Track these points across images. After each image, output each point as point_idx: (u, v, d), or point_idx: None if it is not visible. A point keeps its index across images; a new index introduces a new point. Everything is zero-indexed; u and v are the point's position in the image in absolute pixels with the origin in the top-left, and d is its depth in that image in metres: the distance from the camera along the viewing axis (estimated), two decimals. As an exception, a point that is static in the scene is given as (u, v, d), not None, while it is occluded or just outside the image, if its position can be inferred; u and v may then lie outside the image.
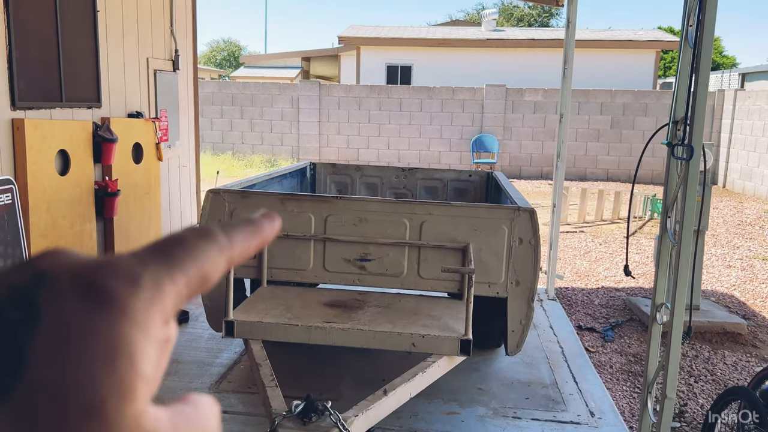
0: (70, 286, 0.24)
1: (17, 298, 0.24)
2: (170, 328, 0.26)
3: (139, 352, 0.24)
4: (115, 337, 0.24)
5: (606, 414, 3.31)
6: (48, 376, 0.23)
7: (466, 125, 14.88)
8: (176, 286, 0.26)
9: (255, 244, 0.30)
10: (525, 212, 3.18)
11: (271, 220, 0.32)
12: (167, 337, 0.26)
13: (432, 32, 19.95)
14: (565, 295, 6.04)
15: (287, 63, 23.36)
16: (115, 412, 0.23)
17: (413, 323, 2.95)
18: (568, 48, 5.00)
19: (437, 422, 3.14)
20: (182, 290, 0.26)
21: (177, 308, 0.27)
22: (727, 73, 17.86)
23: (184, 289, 0.26)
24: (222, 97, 15.43)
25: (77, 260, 0.26)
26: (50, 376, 0.23)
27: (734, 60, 34.84)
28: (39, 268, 0.25)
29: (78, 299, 0.24)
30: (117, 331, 0.24)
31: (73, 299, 0.24)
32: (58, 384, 0.23)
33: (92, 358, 0.23)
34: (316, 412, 2.24)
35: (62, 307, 0.24)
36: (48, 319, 0.24)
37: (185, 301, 0.27)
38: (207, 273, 0.27)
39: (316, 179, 5.61)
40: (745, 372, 4.40)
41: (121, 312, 0.24)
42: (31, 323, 0.24)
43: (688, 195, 2.56)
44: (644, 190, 11.12)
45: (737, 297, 6.16)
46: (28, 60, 3.65)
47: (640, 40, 17.76)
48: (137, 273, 0.25)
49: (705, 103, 2.53)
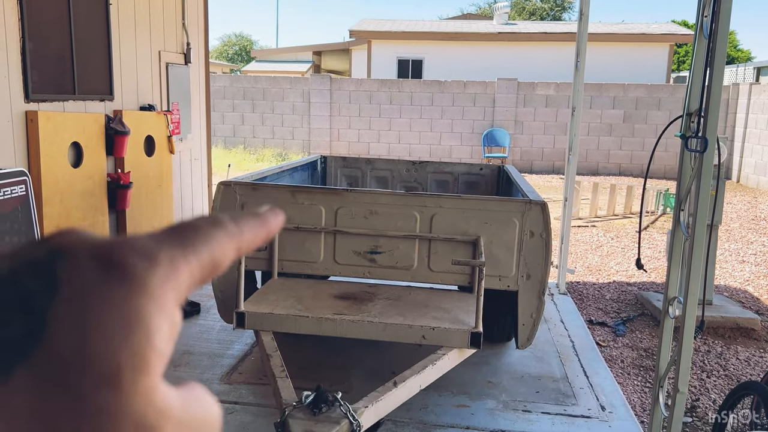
0: (88, 259, 0.25)
1: (36, 269, 0.24)
2: (178, 311, 0.27)
3: (154, 326, 0.24)
4: (132, 309, 0.24)
5: (617, 408, 3.29)
6: (66, 344, 0.23)
7: (478, 119, 14.82)
8: (190, 266, 0.26)
9: (262, 235, 0.31)
10: (536, 205, 3.16)
11: (276, 214, 0.33)
12: (176, 319, 0.26)
13: (443, 26, 19.87)
14: (576, 290, 6.01)
15: (298, 57, 23.37)
16: (129, 382, 0.23)
17: (423, 316, 2.95)
18: (581, 40, 4.95)
19: (447, 415, 3.14)
20: (195, 272, 0.27)
21: (190, 290, 0.27)
22: (742, 67, 17.65)
23: (197, 271, 0.27)
24: (233, 91, 15.47)
25: (94, 238, 0.26)
26: (68, 344, 0.23)
27: (749, 54, 34.42)
28: (57, 244, 0.26)
29: (96, 272, 0.24)
30: (134, 304, 0.24)
31: (91, 272, 0.24)
32: (76, 352, 0.23)
33: (110, 329, 0.23)
34: (327, 402, 2.25)
35: (81, 278, 0.24)
36: (67, 289, 0.24)
37: (197, 285, 0.28)
38: (218, 258, 0.28)
39: (326, 172, 5.61)
40: (758, 367, 4.36)
41: (138, 286, 0.24)
42: (51, 292, 0.24)
43: (701, 187, 2.54)
44: (657, 184, 11.03)
45: (750, 292, 6.11)
46: (41, 52, 3.68)
47: (654, 34, 17.58)
48: (154, 251, 0.26)
49: (720, 94, 2.50)
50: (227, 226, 0.29)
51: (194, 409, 0.27)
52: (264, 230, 0.32)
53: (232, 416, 3.06)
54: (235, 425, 2.98)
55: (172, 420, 0.25)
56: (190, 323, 4.32)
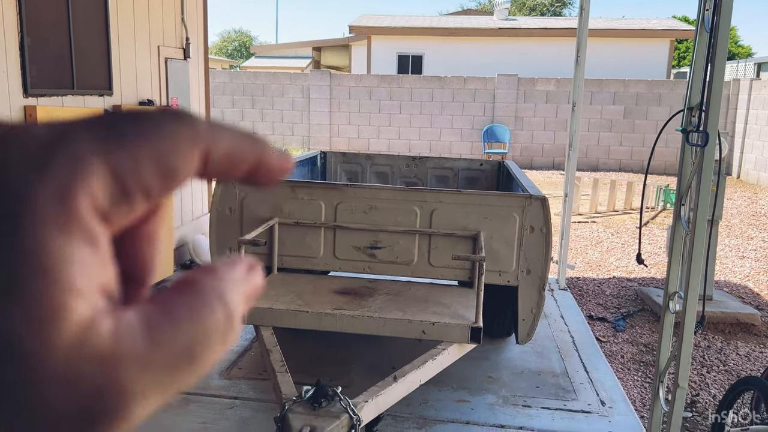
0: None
1: None
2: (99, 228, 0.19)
3: (58, 260, 0.18)
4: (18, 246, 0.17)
5: (617, 403, 3.29)
6: None
7: (478, 115, 14.80)
8: (113, 164, 0.19)
9: (250, 159, 0.23)
10: (536, 200, 3.15)
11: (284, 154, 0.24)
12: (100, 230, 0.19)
13: (443, 21, 19.83)
14: (576, 285, 6.01)
15: (298, 53, 23.33)
16: (36, 347, 0.17)
17: (423, 311, 2.94)
18: (581, 35, 4.94)
19: (447, 410, 3.14)
20: (126, 171, 0.19)
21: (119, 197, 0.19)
22: (743, 63, 17.62)
23: (131, 170, 0.19)
24: (233, 86, 15.45)
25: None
26: None
27: (750, 50, 34.38)
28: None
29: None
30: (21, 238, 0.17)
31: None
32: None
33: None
34: (326, 397, 2.25)
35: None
36: None
37: (138, 191, 0.20)
38: (168, 156, 0.20)
39: (326, 168, 5.60)
40: (758, 363, 4.36)
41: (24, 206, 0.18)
42: None
43: (702, 182, 2.53)
44: (657, 180, 11.02)
45: (751, 288, 6.10)
46: (40, 47, 3.66)
47: (654, 29, 17.55)
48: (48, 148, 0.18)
49: (721, 88, 2.49)
50: (194, 123, 0.21)
51: (175, 332, 0.20)
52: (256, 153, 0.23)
53: (231, 411, 3.06)
54: (235, 420, 2.98)
55: (130, 360, 0.19)
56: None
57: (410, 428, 2.96)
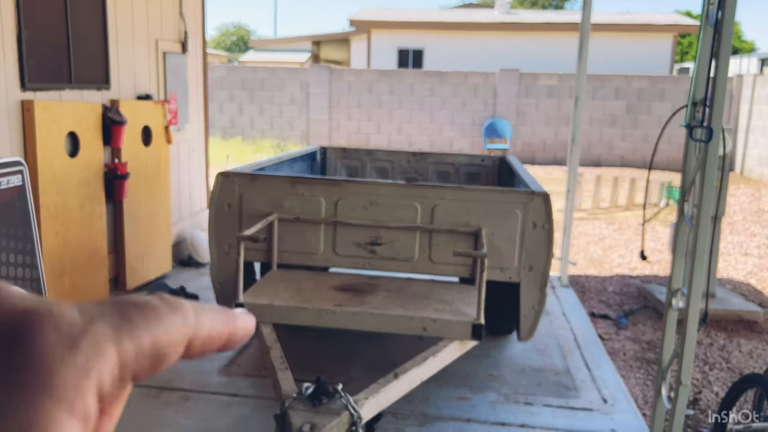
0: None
1: None
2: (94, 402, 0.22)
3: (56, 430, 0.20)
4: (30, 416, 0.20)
5: (619, 401, 3.27)
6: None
7: (479, 110, 14.75)
8: (123, 353, 0.22)
9: (224, 334, 0.27)
10: (539, 196, 3.12)
11: (248, 318, 0.29)
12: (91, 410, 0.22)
13: (444, 15, 19.76)
14: (578, 282, 5.98)
15: (297, 47, 23.24)
16: None
17: (425, 307, 2.91)
18: (584, 29, 4.89)
19: (448, 407, 3.12)
20: (129, 361, 0.23)
21: (121, 383, 0.23)
22: (746, 58, 17.55)
23: (133, 360, 0.23)
24: (231, 81, 15.39)
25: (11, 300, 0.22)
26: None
27: (753, 45, 34.26)
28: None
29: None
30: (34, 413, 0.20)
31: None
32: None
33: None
34: (327, 394, 2.22)
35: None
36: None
37: (129, 378, 0.23)
38: (163, 348, 0.24)
39: (326, 163, 5.56)
40: (761, 360, 4.34)
41: (43, 385, 0.20)
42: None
43: (706, 178, 2.50)
44: (660, 176, 10.98)
45: (753, 285, 6.08)
46: (37, 41, 3.63)
47: (658, 24, 17.47)
48: (77, 332, 0.22)
49: (725, 83, 2.45)
50: (185, 312, 0.25)
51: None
52: (228, 329, 0.27)
53: (231, 408, 3.03)
54: (234, 418, 2.96)
55: None
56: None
57: (411, 426, 2.94)
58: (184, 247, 5.53)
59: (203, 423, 2.90)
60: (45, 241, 3.55)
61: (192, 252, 5.48)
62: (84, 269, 3.94)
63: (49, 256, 3.60)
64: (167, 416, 2.94)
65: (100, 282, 4.10)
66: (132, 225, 4.47)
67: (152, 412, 2.97)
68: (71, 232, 3.80)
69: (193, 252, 5.47)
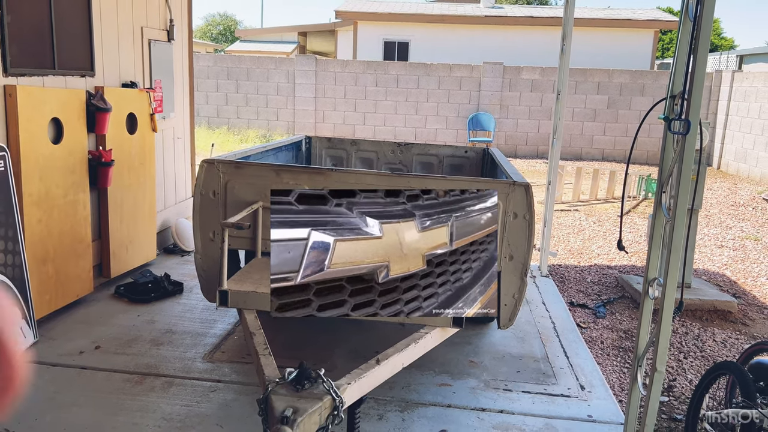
0: None
1: None
2: None
3: None
4: None
5: (596, 387, 3.35)
6: None
7: (463, 103, 14.80)
8: None
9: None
10: (520, 187, 3.18)
11: None
12: None
13: (430, 8, 19.74)
14: (558, 272, 6.07)
15: (283, 38, 23.09)
16: None
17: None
18: (567, 23, 4.95)
19: (429, 393, 3.18)
20: None
21: None
22: (725, 55, 17.77)
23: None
24: (217, 70, 15.28)
25: None
26: None
27: (732, 42, 34.69)
28: None
29: None
30: None
31: None
32: None
33: None
34: (309, 379, 2.25)
35: None
36: None
37: None
38: None
39: (311, 153, 5.58)
40: (734, 349, 4.45)
41: None
42: None
43: (683, 170, 2.56)
44: (639, 170, 11.13)
45: (728, 276, 6.21)
46: (20, 25, 3.59)
47: (639, 20, 17.64)
48: None
49: (703, 77, 2.51)
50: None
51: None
52: None
53: (214, 394, 3.06)
54: (218, 403, 2.98)
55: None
56: (173, 303, 4.30)
57: (392, 411, 2.99)
58: (168, 235, 5.52)
59: (187, 408, 2.92)
60: (28, 228, 3.54)
61: (177, 240, 5.48)
62: (68, 256, 3.92)
63: (32, 242, 3.59)
64: (151, 402, 2.96)
65: (84, 269, 4.09)
66: (116, 212, 4.46)
67: (136, 397, 2.99)
68: (55, 219, 3.78)
69: (178, 240, 5.47)
